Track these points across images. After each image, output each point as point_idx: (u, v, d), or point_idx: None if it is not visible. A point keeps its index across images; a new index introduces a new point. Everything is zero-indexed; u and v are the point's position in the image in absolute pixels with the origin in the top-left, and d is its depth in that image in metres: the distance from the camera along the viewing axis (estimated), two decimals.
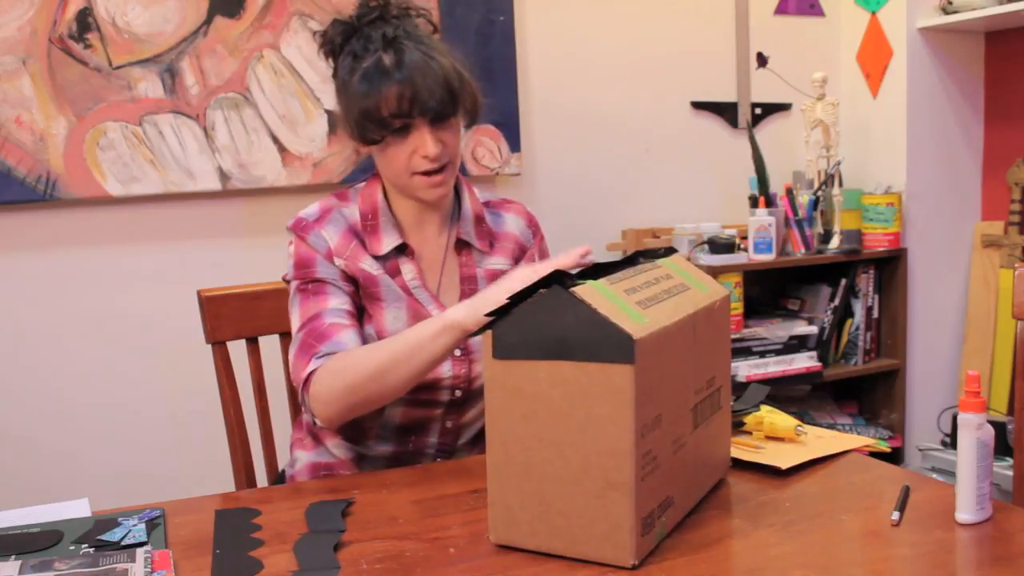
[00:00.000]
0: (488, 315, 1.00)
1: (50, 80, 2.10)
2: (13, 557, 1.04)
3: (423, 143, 1.32)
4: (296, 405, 1.58)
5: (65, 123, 2.12)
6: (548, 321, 0.96)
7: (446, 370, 1.38)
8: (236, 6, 2.25)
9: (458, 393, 1.40)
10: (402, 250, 1.41)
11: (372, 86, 1.30)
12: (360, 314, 1.39)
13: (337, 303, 1.35)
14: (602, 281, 1.01)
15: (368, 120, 1.32)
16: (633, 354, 0.93)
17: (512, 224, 1.52)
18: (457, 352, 1.38)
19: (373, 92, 1.30)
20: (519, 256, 1.51)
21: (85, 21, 2.12)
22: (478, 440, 1.47)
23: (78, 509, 1.19)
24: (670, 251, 1.22)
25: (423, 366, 1.25)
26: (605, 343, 0.93)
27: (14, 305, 2.18)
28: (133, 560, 1.02)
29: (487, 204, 1.52)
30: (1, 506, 1.22)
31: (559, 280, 0.98)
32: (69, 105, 2.12)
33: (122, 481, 2.19)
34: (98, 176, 2.16)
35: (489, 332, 0.99)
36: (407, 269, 1.40)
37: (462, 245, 1.45)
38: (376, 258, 1.39)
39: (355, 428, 1.42)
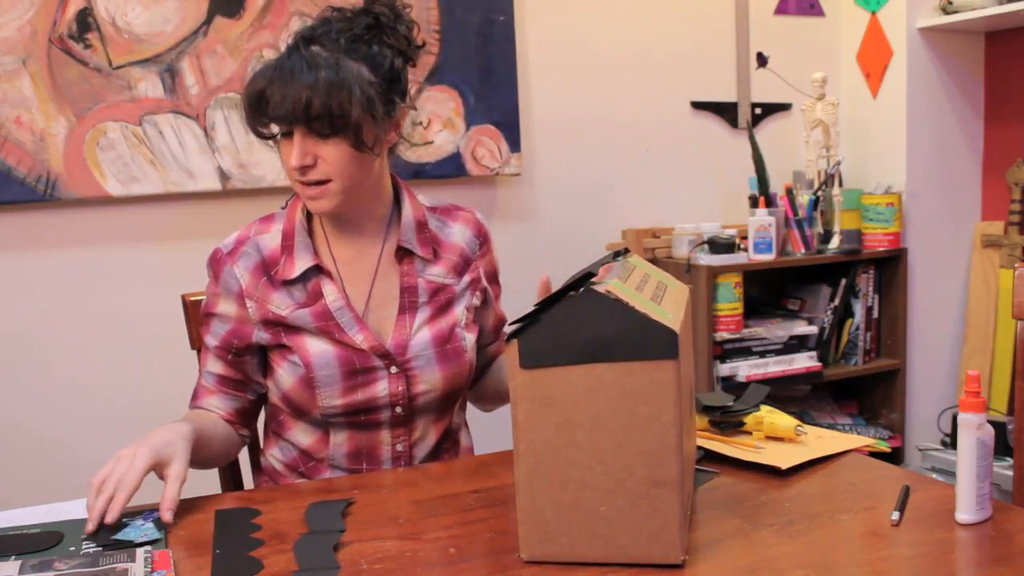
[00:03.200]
0: (513, 323, 0.97)
1: (50, 80, 2.10)
2: (13, 557, 1.05)
3: (290, 151, 1.28)
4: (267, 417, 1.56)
5: (65, 123, 2.12)
6: (582, 324, 0.94)
7: (381, 389, 1.35)
8: (236, 6, 2.25)
9: (399, 411, 1.37)
10: (319, 270, 1.37)
11: (252, 80, 1.28)
12: (255, 359, 1.41)
13: (211, 367, 1.41)
14: (616, 280, 1.00)
15: (246, 113, 1.29)
16: (677, 349, 0.92)
17: (459, 235, 1.45)
18: (393, 369, 1.35)
19: (249, 87, 1.27)
20: (463, 270, 1.44)
21: (85, 21, 2.12)
22: (431, 457, 1.43)
23: (78, 509, 1.20)
24: (627, 251, 1.21)
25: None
26: (649, 340, 0.92)
27: (14, 305, 2.18)
28: (133, 560, 1.02)
29: (434, 210, 1.46)
30: (1, 506, 1.22)
31: (584, 282, 0.96)
32: (69, 105, 2.12)
33: None
34: (98, 176, 2.16)
35: (514, 342, 0.96)
36: (329, 290, 1.36)
37: (404, 253, 1.39)
38: (292, 282, 1.36)
39: (308, 459, 1.42)
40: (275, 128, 1.29)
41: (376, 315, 1.38)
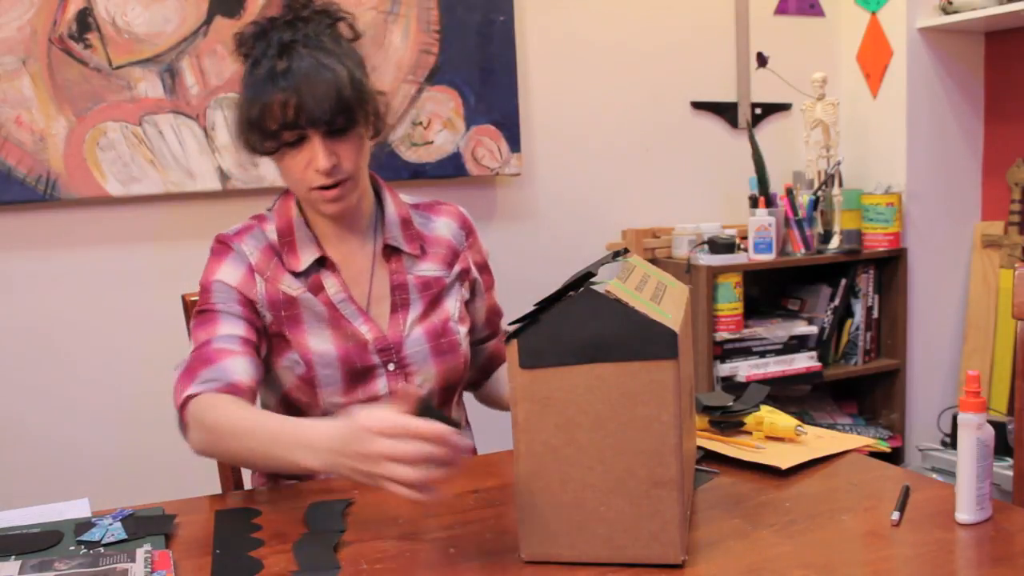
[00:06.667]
0: (513, 323, 0.97)
1: (50, 80, 2.10)
2: (13, 557, 1.05)
3: (315, 156, 1.26)
4: None
5: (65, 123, 2.12)
6: (582, 324, 0.94)
7: (381, 387, 1.36)
8: (236, 6, 2.25)
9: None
10: (323, 263, 1.37)
11: (258, 95, 1.25)
12: (266, 339, 1.35)
13: (228, 330, 1.30)
14: (616, 280, 1.00)
15: (255, 131, 1.27)
16: (677, 349, 0.92)
17: (444, 228, 1.46)
18: (391, 366, 1.36)
19: (258, 101, 1.25)
20: (452, 261, 1.45)
21: (85, 21, 2.12)
22: None
23: (78, 509, 1.20)
24: (626, 251, 1.21)
25: (275, 469, 1.25)
26: (649, 340, 0.93)
27: (14, 305, 2.18)
28: (133, 560, 1.02)
29: (416, 207, 1.47)
30: (1, 506, 1.22)
31: (583, 282, 0.96)
32: (69, 105, 2.12)
33: (122, 481, 2.19)
34: (98, 176, 2.16)
35: (514, 342, 0.96)
36: (330, 283, 1.36)
37: (391, 251, 1.40)
38: (296, 275, 1.35)
39: None
40: (282, 139, 1.26)
41: (373, 313, 1.39)
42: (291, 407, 1.38)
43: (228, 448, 1.20)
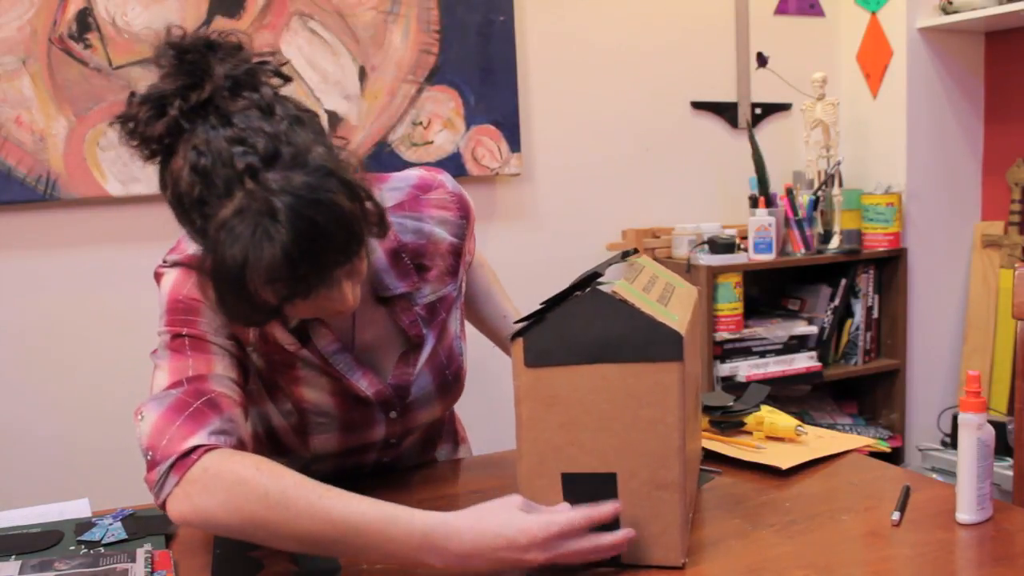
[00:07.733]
0: (519, 322, 0.96)
1: (50, 80, 2.10)
2: (13, 557, 1.05)
3: (334, 296, 0.98)
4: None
5: (65, 123, 2.12)
6: (588, 324, 0.94)
7: (379, 432, 1.23)
8: (236, 6, 2.25)
9: (393, 441, 1.27)
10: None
11: (252, 263, 0.88)
12: (259, 384, 1.17)
13: (223, 369, 1.04)
14: (622, 281, 1.00)
15: (247, 303, 0.92)
16: (682, 351, 0.92)
17: (440, 228, 1.21)
18: (393, 414, 1.22)
19: (262, 261, 0.88)
20: (456, 267, 1.24)
21: (85, 21, 2.12)
22: (419, 455, 1.38)
23: (78, 509, 1.20)
24: (635, 251, 1.21)
25: (359, 558, 0.99)
26: (654, 342, 0.92)
27: (14, 305, 2.18)
28: (133, 560, 1.02)
29: (401, 208, 1.19)
30: (1, 506, 1.23)
31: (590, 282, 0.96)
32: (69, 105, 2.12)
33: (122, 481, 2.19)
34: (98, 176, 2.16)
35: (519, 340, 0.95)
36: (320, 334, 1.14)
37: (388, 300, 1.18)
38: (284, 327, 1.13)
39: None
40: (289, 302, 0.95)
41: (372, 362, 1.21)
42: (274, 443, 1.24)
43: (294, 530, 0.92)
